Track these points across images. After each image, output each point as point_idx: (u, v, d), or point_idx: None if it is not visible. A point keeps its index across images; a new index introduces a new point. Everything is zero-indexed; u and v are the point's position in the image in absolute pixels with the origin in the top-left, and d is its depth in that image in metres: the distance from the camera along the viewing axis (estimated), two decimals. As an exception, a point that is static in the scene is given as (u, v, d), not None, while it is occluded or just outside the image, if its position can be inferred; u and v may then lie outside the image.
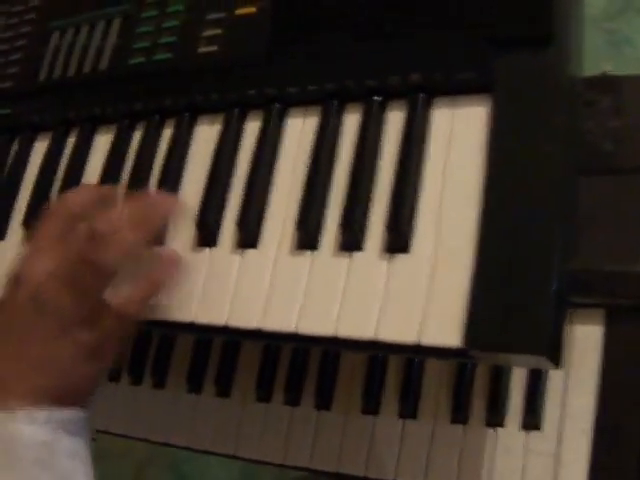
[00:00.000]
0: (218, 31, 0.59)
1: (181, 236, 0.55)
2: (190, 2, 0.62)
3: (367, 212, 0.50)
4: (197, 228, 0.54)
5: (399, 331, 0.46)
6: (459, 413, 0.63)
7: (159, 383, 0.71)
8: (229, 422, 0.68)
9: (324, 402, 0.66)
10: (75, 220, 0.54)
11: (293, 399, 0.66)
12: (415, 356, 0.62)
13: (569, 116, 0.50)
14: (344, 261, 0.49)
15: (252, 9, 0.58)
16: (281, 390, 0.67)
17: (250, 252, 0.52)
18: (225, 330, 0.51)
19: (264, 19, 0.58)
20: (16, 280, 0.53)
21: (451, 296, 0.45)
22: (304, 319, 0.48)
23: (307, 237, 0.51)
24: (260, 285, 0.51)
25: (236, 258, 0.53)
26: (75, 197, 0.55)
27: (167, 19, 0.62)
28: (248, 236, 0.53)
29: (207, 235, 0.54)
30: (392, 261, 0.48)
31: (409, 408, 0.64)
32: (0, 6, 0.74)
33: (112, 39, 0.64)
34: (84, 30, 0.66)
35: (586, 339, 0.64)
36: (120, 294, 0.51)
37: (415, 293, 0.46)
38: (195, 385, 0.70)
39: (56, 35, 0.68)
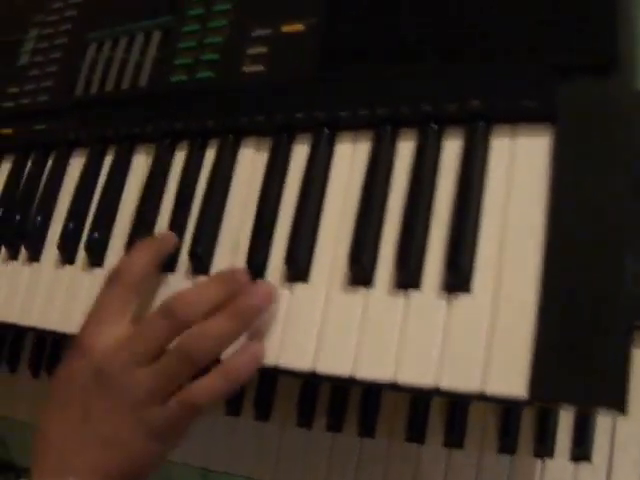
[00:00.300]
0: (263, 49, 0.57)
1: (228, 267, 0.53)
2: (234, 17, 0.60)
3: (424, 247, 0.48)
4: (247, 262, 0.52)
5: (461, 379, 0.44)
6: (507, 443, 0.61)
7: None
8: (268, 447, 0.66)
9: (367, 429, 0.63)
10: (138, 287, 0.53)
11: (335, 425, 0.64)
12: (472, 400, 0.60)
13: (633, 141, 0.48)
14: (400, 300, 0.47)
15: (300, 26, 0.56)
16: (323, 416, 0.65)
17: (300, 286, 0.50)
18: (275, 370, 0.49)
19: (313, 37, 0.55)
20: (78, 349, 0.51)
21: (515, 340, 0.43)
22: (360, 363, 0.46)
23: (361, 273, 0.48)
24: (311, 322, 0.49)
25: (285, 293, 0.50)
26: (136, 260, 0.53)
27: (209, 34, 0.60)
28: (297, 269, 0.50)
29: (254, 267, 0.52)
30: (452, 301, 0.46)
31: (455, 437, 0.61)
32: (34, 15, 0.71)
33: (152, 53, 0.62)
34: (122, 43, 0.64)
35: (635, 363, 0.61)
36: (194, 386, 0.48)
37: (477, 337, 0.44)
38: (234, 407, 0.68)
39: (93, 47, 0.66)
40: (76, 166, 0.65)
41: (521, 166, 0.48)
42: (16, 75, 0.71)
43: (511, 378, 0.42)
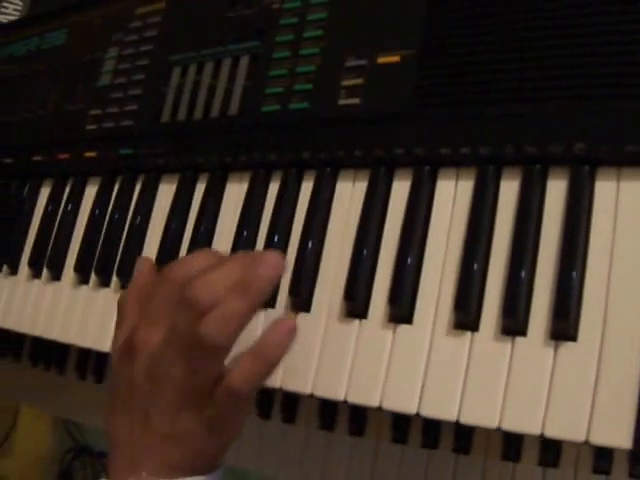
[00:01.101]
0: (359, 81, 0.60)
1: (328, 304, 0.58)
2: (326, 44, 0.63)
3: (531, 292, 0.51)
4: (345, 298, 0.57)
5: (566, 428, 0.48)
6: (601, 463, 0.65)
7: (289, 418, 0.75)
8: (363, 462, 0.71)
9: (463, 446, 0.68)
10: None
11: (430, 442, 0.69)
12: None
13: None
14: (506, 346, 0.51)
15: (396, 58, 0.59)
16: (418, 432, 0.70)
17: (403, 328, 0.55)
18: (379, 409, 0.54)
19: (410, 70, 0.58)
20: (128, 351, 0.55)
21: (620, 391, 0.47)
22: (466, 408, 0.51)
23: (466, 317, 0.52)
24: (416, 365, 0.53)
25: (388, 334, 0.55)
26: (187, 265, 0.56)
27: (301, 63, 0.64)
28: (401, 310, 0.55)
29: (356, 306, 0.56)
30: (558, 349, 0.49)
31: (551, 456, 0.66)
32: (113, 34, 0.75)
33: (240, 80, 0.66)
34: (208, 67, 0.68)
35: None
36: (233, 373, 0.52)
37: (582, 386, 0.48)
38: (328, 422, 0.73)
39: (177, 71, 0.70)
40: (165, 192, 0.70)
41: (626, 211, 0.51)
42: (97, 96, 0.77)
43: (616, 429, 0.47)
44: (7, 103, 0.88)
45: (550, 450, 0.67)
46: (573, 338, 0.49)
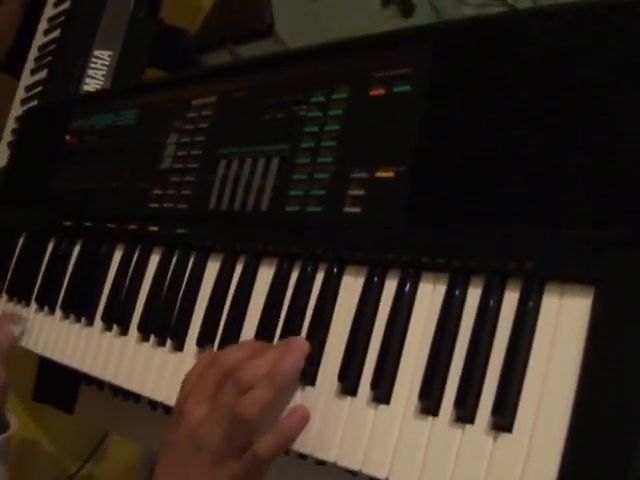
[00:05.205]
0: (361, 192, 0.87)
1: (327, 383, 0.86)
2: (338, 154, 0.90)
3: (480, 391, 0.76)
4: (339, 379, 0.84)
5: None
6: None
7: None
8: None
9: None
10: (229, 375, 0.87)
11: None
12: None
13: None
14: (458, 432, 0.76)
15: (391, 173, 0.85)
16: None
17: (382, 408, 0.81)
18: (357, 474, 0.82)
19: (402, 185, 0.84)
20: (179, 421, 0.88)
21: (543, 476, 0.71)
22: (423, 477, 0.77)
23: (428, 406, 0.78)
24: (389, 438, 0.80)
25: (371, 412, 0.82)
26: (234, 353, 0.88)
27: (318, 169, 0.91)
28: (381, 393, 0.81)
29: (348, 386, 0.84)
30: (497, 438, 0.74)
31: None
32: (175, 120, 1.06)
33: (271, 180, 0.95)
34: (247, 163, 0.97)
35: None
36: (258, 443, 0.83)
37: (514, 470, 0.72)
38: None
39: (223, 163, 1.00)
40: (212, 270, 1.01)
41: (565, 324, 0.73)
42: (159, 177, 1.08)
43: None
44: (88, 171, 1.24)
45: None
46: (509, 430, 0.74)
